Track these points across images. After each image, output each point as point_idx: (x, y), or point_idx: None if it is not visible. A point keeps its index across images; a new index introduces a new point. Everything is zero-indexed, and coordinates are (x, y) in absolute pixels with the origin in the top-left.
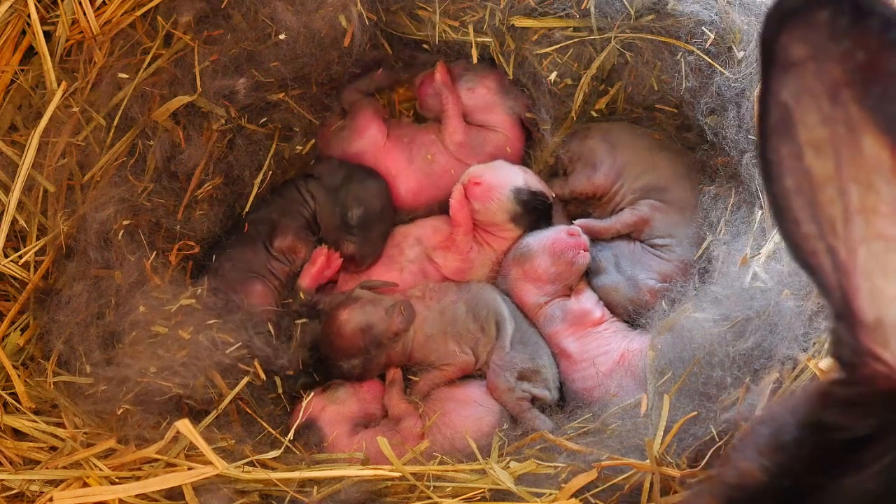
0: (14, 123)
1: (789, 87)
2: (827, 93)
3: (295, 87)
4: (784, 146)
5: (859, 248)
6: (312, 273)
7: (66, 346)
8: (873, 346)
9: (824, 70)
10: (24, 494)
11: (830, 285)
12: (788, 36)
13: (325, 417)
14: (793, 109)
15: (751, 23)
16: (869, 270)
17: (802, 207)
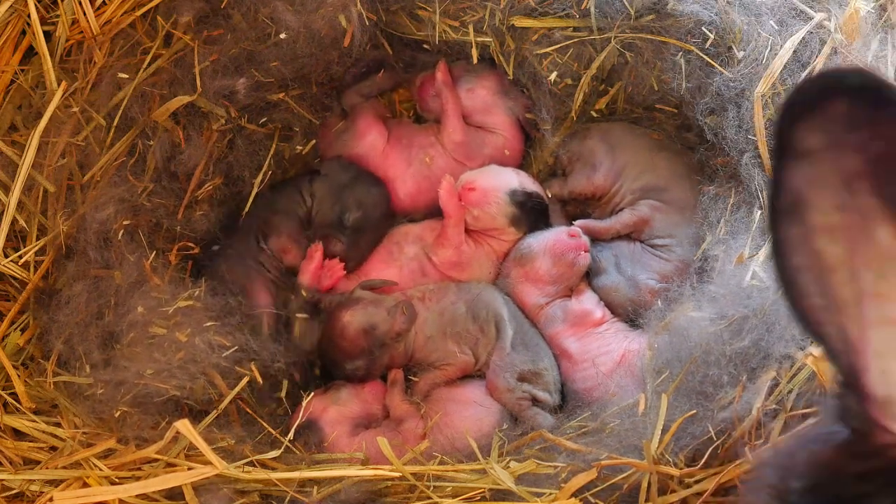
0: (14, 123)
1: (803, 174)
2: (842, 182)
3: (295, 87)
4: (794, 228)
5: (870, 331)
6: (311, 270)
7: (66, 347)
8: (883, 420)
9: (840, 159)
10: (24, 494)
11: (839, 355)
12: (804, 126)
13: (326, 418)
14: (805, 195)
15: (751, 23)
16: (880, 352)
17: (811, 283)
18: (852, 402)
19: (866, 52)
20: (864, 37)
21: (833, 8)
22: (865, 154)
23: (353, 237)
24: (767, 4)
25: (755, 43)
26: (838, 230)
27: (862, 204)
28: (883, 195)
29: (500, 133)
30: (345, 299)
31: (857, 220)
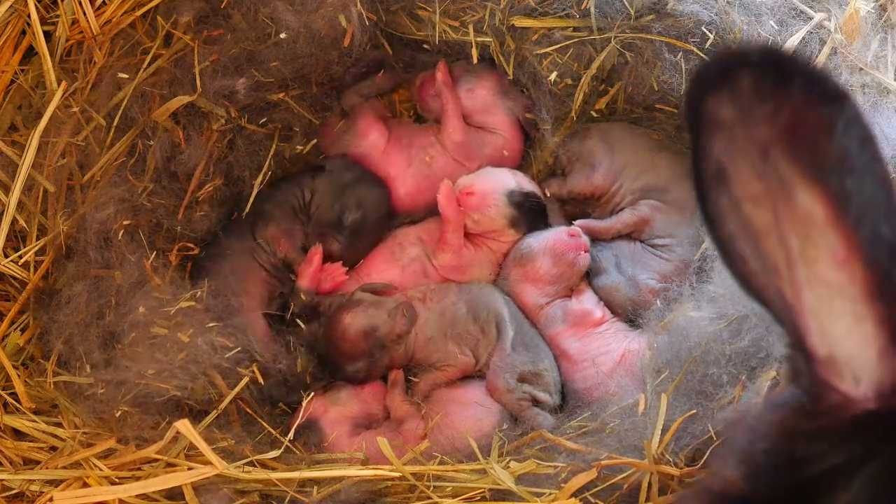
0: (14, 123)
1: (720, 146)
2: (757, 151)
3: (295, 87)
4: (721, 197)
5: (804, 292)
6: (310, 273)
7: (66, 347)
8: (829, 378)
9: (752, 130)
10: (24, 494)
11: (783, 318)
12: (714, 99)
13: (326, 418)
14: (726, 166)
15: (751, 23)
16: (816, 311)
17: (746, 248)
18: (801, 364)
19: (866, 52)
20: (864, 37)
21: (833, 8)
22: (775, 124)
23: (350, 238)
24: (767, 4)
25: (755, 43)
26: (761, 198)
27: (779, 171)
28: (798, 162)
29: (499, 133)
30: (345, 301)
31: (777, 187)
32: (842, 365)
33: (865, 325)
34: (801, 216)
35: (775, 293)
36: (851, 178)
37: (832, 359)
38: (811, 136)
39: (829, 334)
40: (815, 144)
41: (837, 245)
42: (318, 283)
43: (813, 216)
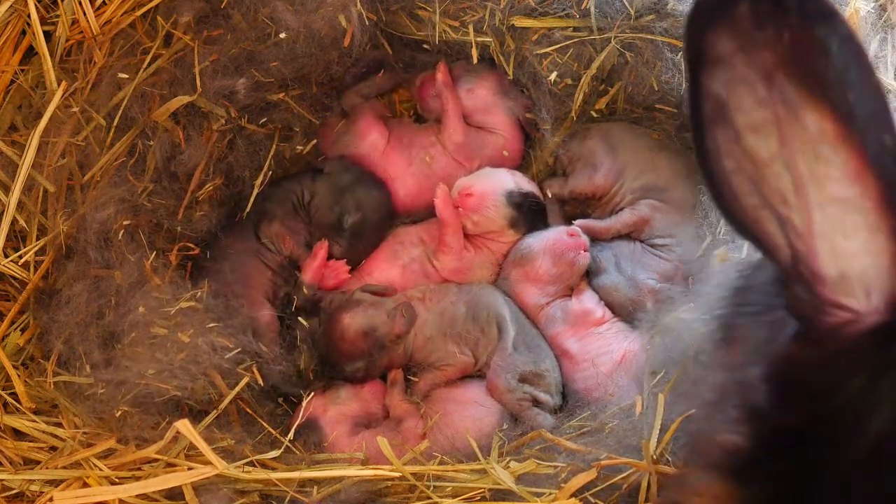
0: (14, 123)
1: (721, 79)
2: (761, 78)
3: (295, 87)
4: (720, 133)
5: (814, 214)
6: (314, 268)
7: (66, 347)
8: (836, 297)
9: (754, 58)
10: (24, 494)
11: (781, 250)
12: (713, 33)
13: (326, 418)
14: (726, 99)
15: None
16: (826, 232)
17: (743, 184)
18: (802, 291)
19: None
20: (864, 37)
21: None
22: (777, 47)
23: (351, 240)
24: None
25: None
26: (766, 125)
27: (784, 95)
28: (802, 82)
29: (500, 133)
30: (345, 301)
31: (782, 112)
32: (853, 281)
33: (879, 237)
34: (809, 136)
35: (777, 224)
36: (852, 93)
37: (843, 276)
38: (811, 56)
39: (840, 253)
40: (815, 64)
41: (849, 160)
42: (321, 278)
43: (823, 134)
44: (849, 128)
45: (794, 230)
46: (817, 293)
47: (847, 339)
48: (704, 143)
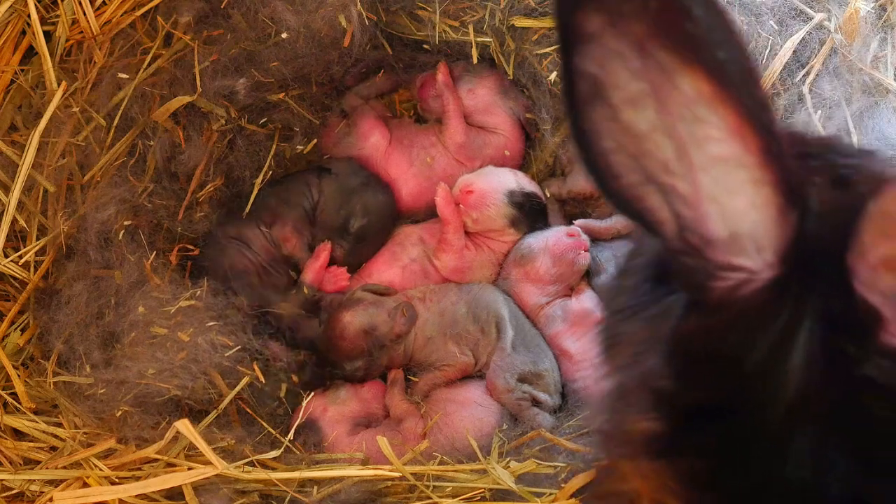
0: (14, 123)
1: (593, 57)
2: (633, 50)
3: (295, 88)
4: (597, 112)
5: (701, 177)
6: (316, 269)
7: (66, 347)
8: (729, 259)
9: (624, 31)
10: (24, 494)
11: (666, 224)
12: (581, 12)
13: (326, 418)
14: (600, 77)
15: (751, 23)
16: (714, 193)
17: (623, 161)
18: (691, 261)
19: (866, 52)
20: (864, 37)
21: (833, 8)
22: (644, 17)
23: (355, 244)
24: (767, 4)
25: (755, 43)
26: (642, 96)
27: (658, 63)
28: (673, 48)
29: (500, 133)
30: (345, 300)
31: (657, 80)
32: (744, 239)
33: (764, 189)
34: (686, 100)
35: (662, 196)
36: (721, 52)
37: (734, 236)
38: (678, 21)
39: (729, 212)
40: (682, 28)
41: (727, 118)
42: (321, 280)
43: (699, 96)
44: (723, 86)
45: (680, 198)
46: (709, 258)
47: (744, 299)
48: (581, 124)
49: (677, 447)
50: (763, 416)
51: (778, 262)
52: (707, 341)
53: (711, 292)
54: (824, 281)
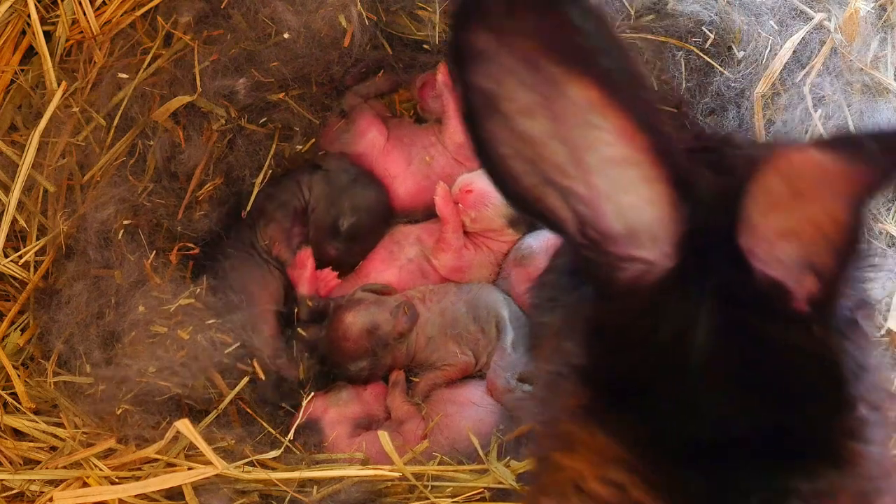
0: (14, 123)
1: (486, 74)
2: (523, 65)
3: (295, 87)
4: (493, 123)
5: (595, 178)
6: (307, 277)
7: (67, 346)
8: (628, 252)
9: (514, 47)
10: (24, 494)
11: (567, 221)
12: (473, 32)
13: (327, 419)
14: (494, 90)
15: (751, 23)
16: (609, 192)
17: (521, 166)
18: (593, 255)
19: (866, 52)
20: (864, 37)
21: (833, 8)
22: (532, 33)
23: (347, 244)
24: (767, 4)
25: (755, 43)
26: (535, 107)
27: (547, 75)
28: (561, 60)
29: None
30: (346, 301)
31: (549, 91)
32: (641, 233)
33: (657, 186)
34: (577, 108)
35: (560, 197)
36: (605, 59)
37: (631, 230)
38: (562, 33)
39: (625, 208)
40: (567, 40)
41: (616, 121)
42: (315, 286)
43: (588, 103)
44: (610, 92)
45: (578, 198)
46: (609, 252)
47: (646, 287)
48: (478, 135)
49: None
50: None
51: (674, 252)
52: (616, 325)
53: (615, 282)
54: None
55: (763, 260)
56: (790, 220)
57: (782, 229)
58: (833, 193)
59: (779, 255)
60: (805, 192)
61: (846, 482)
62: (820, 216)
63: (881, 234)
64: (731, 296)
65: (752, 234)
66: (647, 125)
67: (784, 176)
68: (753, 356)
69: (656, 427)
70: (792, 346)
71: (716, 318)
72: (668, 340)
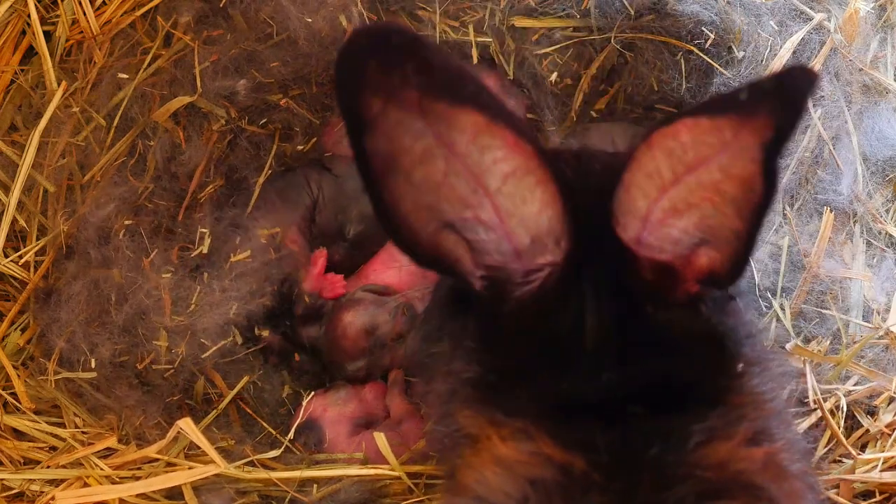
0: (14, 123)
1: (380, 134)
2: (414, 112)
3: (295, 88)
4: (392, 180)
5: (497, 199)
6: (314, 276)
7: (67, 345)
8: (534, 262)
9: (401, 101)
10: (24, 494)
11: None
12: (363, 99)
13: (326, 419)
14: (389, 150)
15: (751, 23)
16: (511, 208)
17: (421, 217)
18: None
19: (866, 53)
20: (864, 37)
21: (833, 8)
22: (410, 82)
23: (352, 249)
24: (767, 5)
25: (755, 43)
26: (430, 150)
27: (436, 115)
28: (442, 97)
29: None
30: (345, 301)
31: (440, 128)
32: (544, 238)
33: (548, 186)
34: (469, 135)
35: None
36: (471, 86)
37: (536, 239)
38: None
39: (528, 219)
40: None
41: (504, 137)
42: (320, 286)
43: (476, 128)
44: (490, 113)
45: (483, 225)
46: (515, 271)
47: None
48: (381, 197)
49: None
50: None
51: (572, 248)
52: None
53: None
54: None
55: (652, 246)
56: (682, 193)
57: (675, 206)
58: (730, 153)
59: (672, 233)
60: (696, 161)
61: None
62: (719, 179)
63: (881, 234)
64: (620, 287)
65: (639, 221)
66: (526, 134)
67: (668, 153)
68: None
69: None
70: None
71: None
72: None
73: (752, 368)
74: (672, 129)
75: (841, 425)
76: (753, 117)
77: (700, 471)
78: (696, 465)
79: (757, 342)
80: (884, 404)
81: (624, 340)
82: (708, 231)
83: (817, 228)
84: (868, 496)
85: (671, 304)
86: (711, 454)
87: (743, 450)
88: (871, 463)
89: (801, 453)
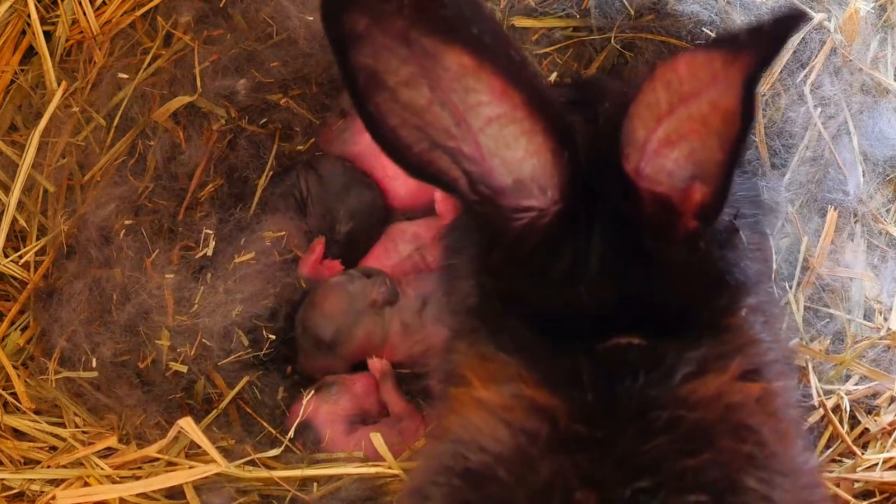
0: (14, 123)
1: (365, 52)
2: (399, 41)
3: (295, 88)
4: (378, 97)
5: (480, 138)
6: (311, 261)
7: (68, 345)
8: (518, 202)
9: (388, 26)
10: (24, 494)
11: (458, 181)
12: (347, 14)
13: (319, 418)
14: (375, 66)
15: (751, 23)
16: (494, 149)
17: (410, 134)
18: (486, 209)
19: (866, 53)
20: (864, 37)
21: (833, 8)
22: (402, 12)
23: (344, 247)
24: (767, 4)
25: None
26: (415, 78)
27: (422, 48)
28: (433, 33)
29: None
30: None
31: (425, 63)
32: (528, 183)
33: (536, 138)
34: (454, 75)
35: (450, 157)
36: (474, 27)
37: (518, 182)
38: (430, 9)
39: (510, 163)
40: (436, 14)
41: (491, 83)
42: (317, 273)
43: (463, 69)
44: (482, 57)
45: (465, 157)
46: (501, 204)
47: (539, 230)
48: (368, 110)
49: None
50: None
51: (561, 197)
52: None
53: (509, 232)
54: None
55: (650, 177)
56: (674, 124)
57: (668, 136)
58: (719, 86)
59: (666, 165)
60: (689, 93)
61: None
62: (707, 111)
63: (881, 233)
64: (620, 222)
65: (639, 151)
66: (520, 82)
67: (667, 85)
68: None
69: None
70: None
71: (606, 244)
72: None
73: (755, 315)
74: (673, 63)
75: (845, 425)
76: (742, 52)
77: (686, 411)
78: (682, 402)
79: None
80: (885, 404)
81: (622, 271)
82: (697, 164)
83: (818, 228)
84: (868, 496)
85: (671, 239)
86: (701, 388)
87: (736, 383)
88: (871, 462)
89: (796, 405)
